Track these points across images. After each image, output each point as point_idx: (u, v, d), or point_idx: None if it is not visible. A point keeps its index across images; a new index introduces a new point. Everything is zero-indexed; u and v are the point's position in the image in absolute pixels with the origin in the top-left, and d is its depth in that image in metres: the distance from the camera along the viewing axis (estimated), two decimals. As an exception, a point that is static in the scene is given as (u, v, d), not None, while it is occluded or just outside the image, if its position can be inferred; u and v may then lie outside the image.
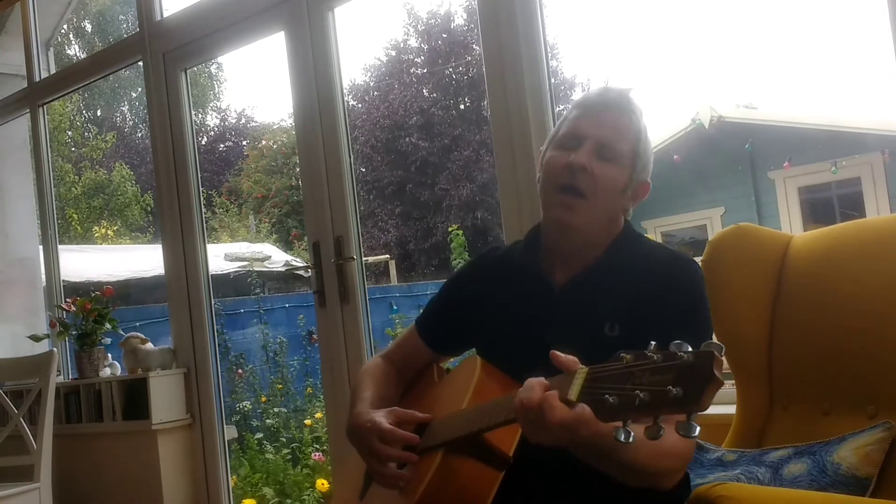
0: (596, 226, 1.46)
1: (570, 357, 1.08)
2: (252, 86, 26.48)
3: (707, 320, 1.42)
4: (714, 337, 1.48)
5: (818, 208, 9.51)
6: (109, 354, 3.72)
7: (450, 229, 7.04)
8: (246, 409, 6.49)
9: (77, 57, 16.70)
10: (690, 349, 0.91)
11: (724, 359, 0.91)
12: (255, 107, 26.13)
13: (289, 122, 14.73)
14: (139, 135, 18.10)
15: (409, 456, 1.39)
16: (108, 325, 3.63)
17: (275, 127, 16.94)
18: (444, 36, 14.67)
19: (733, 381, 1.89)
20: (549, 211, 1.48)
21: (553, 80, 2.61)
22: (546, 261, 1.52)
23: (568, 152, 1.44)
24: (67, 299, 3.85)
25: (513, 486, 1.29)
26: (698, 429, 0.91)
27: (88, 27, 18.17)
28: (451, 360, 1.78)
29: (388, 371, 1.68)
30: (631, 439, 0.93)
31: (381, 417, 1.44)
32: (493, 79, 2.61)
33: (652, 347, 0.94)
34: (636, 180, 1.48)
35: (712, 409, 2.24)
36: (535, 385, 1.11)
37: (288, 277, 9.58)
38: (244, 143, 17.76)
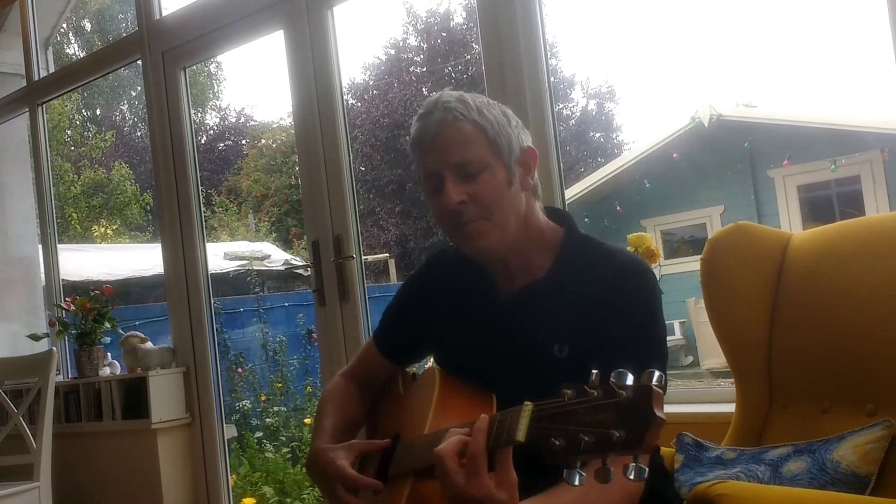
0: (512, 230, 1.38)
1: None
2: (251, 85, 26.49)
3: (659, 338, 1.36)
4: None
5: (818, 206, 9.51)
6: (109, 353, 3.72)
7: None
8: (245, 407, 6.49)
9: (76, 56, 16.69)
10: (630, 381, 0.89)
11: (662, 391, 0.88)
12: (254, 105, 26.14)
13: (288, 120, 14.71)
14: (138, 134, 18.08)
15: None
16: (107, 324, 3.63)
17: (274, 126, 16.94)
18: (444, 34, 14.67)
19: (733, 380, 1.89)
20: (465, 248, 1.42)
21: (552, 79, 2.62)
22: (492, 269, 1.46)
23: (438, 195, 1.37)
24: (67, 298, 3.86)
25: None
26: (647, 471, 0.89)
27: (88, 26, 18.16)
28: (416, 365, 1.76)
29: (350, 390, 1.63)
30: (584, 482, 0.91)
31: (343, 459, 1.41)
32: (492, 77, 2.61)
33: (593, 378, 0.92)
34: (512, 162, 1.38)
35: (712, 408, 2.25)
36: (449, 455, 1.09)
37: (287, 276, 9.59)
38: (243, 141, 17.76)
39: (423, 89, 14.70)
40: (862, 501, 1.40)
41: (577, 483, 0.91)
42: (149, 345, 3.50)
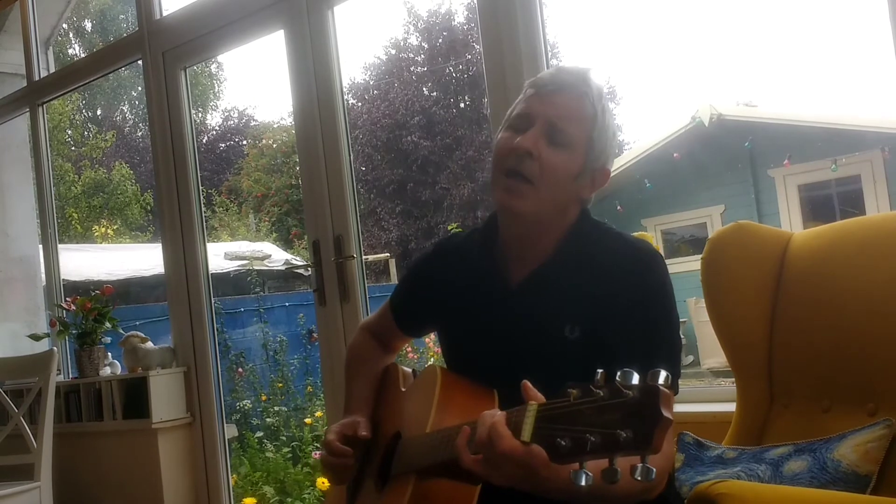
0: (545, 213, 1.38)
1: (536, 392, 1.04)
2: (252, 85, 26.50)
3: (670, 321, 1.34)
4: (682, 333, 1.41)
5: (818, 206, 9.51)
6: (109, 353, 3.72)
7: (450, 228, 7.04)
8: (246, 407, 6.49)
9: (77, 56, 16.69)
10: (636, 381, 0.88)
11: (670, 391, 0.87)
12: (255, 106, 26.18)
13: (289, 120, 14.72)
14: (139, 134, 18.09)
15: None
16: (108, 324, 3.63)
17: (275, 126, 16.94)
18: (445, 34, 14.66)
19: (734, 380, 1.89)
20: (494, 194, 1.40)
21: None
22: (502, 253, 1.45)
23: (517, 134, 1.36)
24: (67, 298, 3.86)
25: (493, 496, 1.24)
26: (654, 471, 0.87)
27: (88, 26, 18.17)
28: (417, 358, 1.80)
29: (374, 346, 1.70)
30: (590, 482, 0.91)
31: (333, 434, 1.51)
32: (493, 77, 2.61)
33: (598, 377, 0.91)
34: (591, 168, 1.38)
35: (713, 408, 2.25)
36: (486, 417, 1.08)
37: (288, 276, 9.59)
38: (244, 141, 17.76)
39: (424, 89, 14.71)
40: (863, 500, 1.40)
41: (582, 483, 0.90)
42: (149, 344, 3.50)
